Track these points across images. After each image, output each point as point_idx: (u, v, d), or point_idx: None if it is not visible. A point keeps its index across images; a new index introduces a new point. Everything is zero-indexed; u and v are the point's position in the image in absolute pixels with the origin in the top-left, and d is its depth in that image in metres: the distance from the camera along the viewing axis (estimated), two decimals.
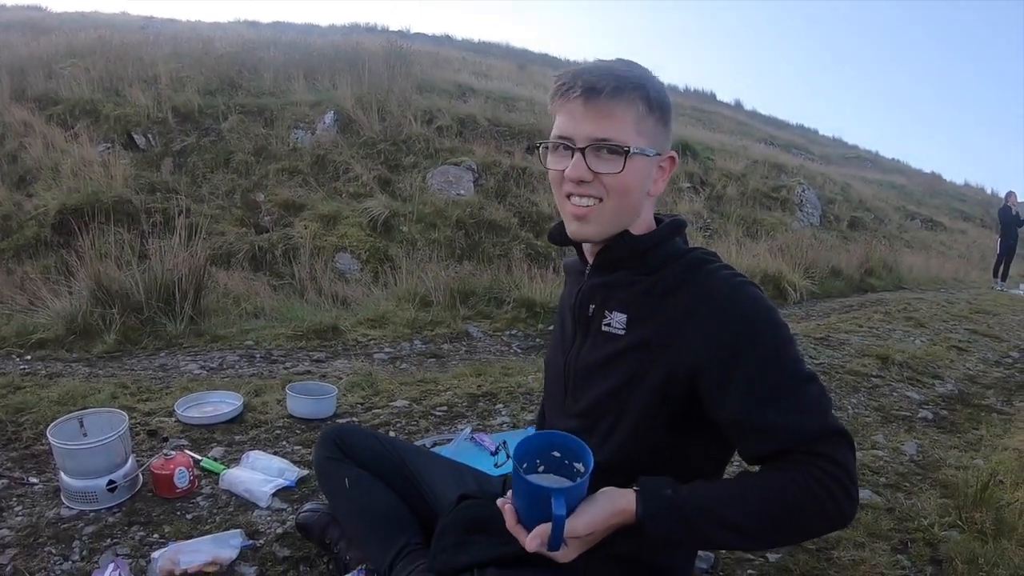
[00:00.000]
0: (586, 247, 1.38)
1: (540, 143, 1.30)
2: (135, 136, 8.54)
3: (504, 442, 2.67)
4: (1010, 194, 13.31)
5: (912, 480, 2.74)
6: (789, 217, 12.64)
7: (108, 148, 8.24)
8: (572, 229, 1.28)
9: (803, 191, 13.57)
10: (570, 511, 1.09)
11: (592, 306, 1.34)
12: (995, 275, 12.96)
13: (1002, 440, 3.32)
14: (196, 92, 9.41)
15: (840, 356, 4.91)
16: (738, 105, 34.91)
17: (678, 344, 1.19)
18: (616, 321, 1.29)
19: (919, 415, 3.72)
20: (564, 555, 1.13)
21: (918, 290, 10.44)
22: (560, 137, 1.23)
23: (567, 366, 1.40)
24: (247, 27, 19.57)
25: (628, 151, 1.19)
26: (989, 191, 30.09)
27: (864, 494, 2.53)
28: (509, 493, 1.20)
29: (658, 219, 1.36)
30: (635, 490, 1.15)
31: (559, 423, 1.42)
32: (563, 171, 1.23)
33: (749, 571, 1.99)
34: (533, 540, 1.11)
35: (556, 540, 1.08)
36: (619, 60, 1.26)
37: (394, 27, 26.49)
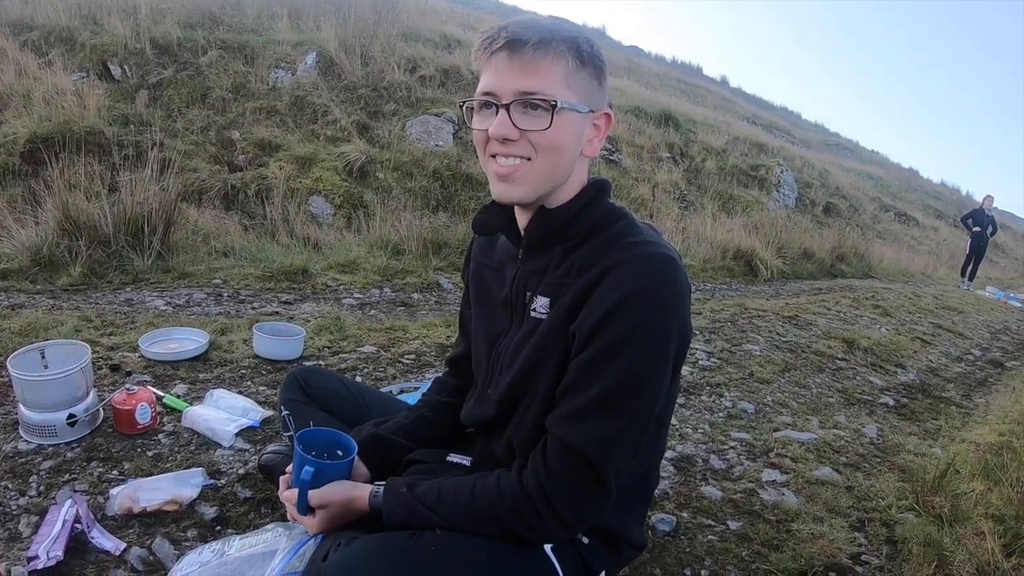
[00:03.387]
0: (518, 217, 1.29)
1: (464, 102, 1.20)
2: (111, 66, 8.26)
3: None
4: (987, 198, 13.44)
5: (871, 462, 2.79)
6: (766, 196, 12.71)
7: (82, 77, 7.96)
8: (497, 191, 1.19)
9: (781, 172, 13.64)
10: (319, 485, 1.27)
11: (528, 292, 1.27)
12: (963, 275, 13.14)
13: (960, 432, 3.39)
14: (176, 24, 9.07)
15: (807, 336, 4.97)
16: (723, 81, 34.99)
17: (574, 317, 1.14)
18: (540, 305, 1.23)
19: (880, 400, 3.79)
20: (308, 522, 1.28)
21: (886, 280, 10.61)
22: (485, 94, 1.14)
23: (495, 352, 1.34)
24: None
25: (556, 105, 1.10)
26: (964, 192, 30.74)
27: (824, 471, 2.57)
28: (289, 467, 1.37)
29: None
30: (378, 485, 1.27)
31: (478, 411, 1.39)
32: (487, 130, 1.14)
33: (710, 537, 2.02)
34: (284, 493, 1.34)
35: (300, 502, 1.27)
36: (549, 16, 1.17)
37: None
